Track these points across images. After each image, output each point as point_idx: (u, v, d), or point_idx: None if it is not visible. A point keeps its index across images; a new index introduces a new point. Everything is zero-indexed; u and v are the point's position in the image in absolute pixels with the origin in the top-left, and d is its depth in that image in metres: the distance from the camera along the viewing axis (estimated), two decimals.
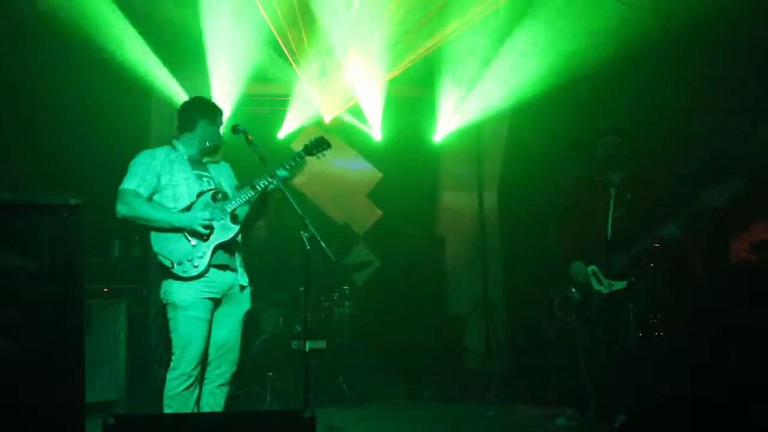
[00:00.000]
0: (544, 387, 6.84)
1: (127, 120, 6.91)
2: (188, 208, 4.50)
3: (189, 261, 4.40)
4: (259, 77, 7.58)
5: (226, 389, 4.60)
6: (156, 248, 4.41)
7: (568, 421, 5.68)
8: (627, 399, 5.38)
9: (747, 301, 6.27)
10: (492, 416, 6.26)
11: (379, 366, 7.66)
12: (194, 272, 4.40)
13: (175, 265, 4.38)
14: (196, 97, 4.96)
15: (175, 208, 4.49)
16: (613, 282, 5.47)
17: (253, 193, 4.61)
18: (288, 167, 4.69)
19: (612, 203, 5.55)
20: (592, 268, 5.56)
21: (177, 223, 4.41)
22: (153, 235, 4.42)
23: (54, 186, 5.11)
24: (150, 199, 4.49)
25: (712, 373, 6.13)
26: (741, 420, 3.11)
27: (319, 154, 4.85)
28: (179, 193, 4.54)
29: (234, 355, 4.63)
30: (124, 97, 7.03)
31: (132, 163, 4.58)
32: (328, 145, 4.85)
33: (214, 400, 4.54)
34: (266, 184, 4.60)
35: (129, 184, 4.48)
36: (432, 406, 6.92)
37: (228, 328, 4.58)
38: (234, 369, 4.64)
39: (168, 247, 4.41)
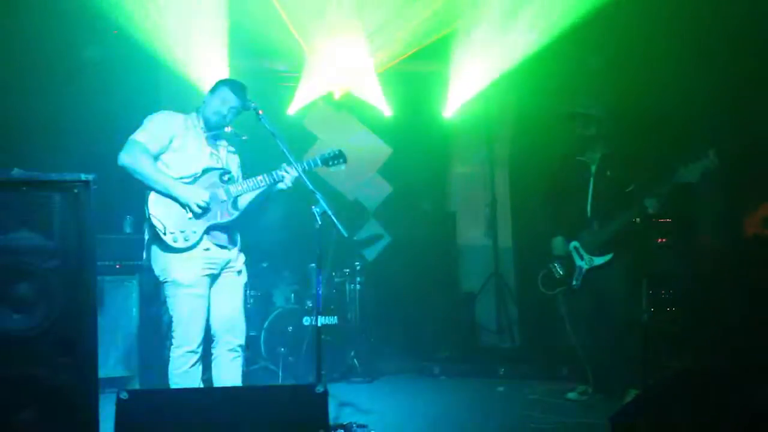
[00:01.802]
0: (554, 362, 6.84)
1: (137, 96, 6.89)
2: (193, 179, 4.50)
3: (182, 232, 4.39)
4: (269, 52, 7.53)
5: (240, 360, 4.62)
6: (152, 209, 4.37)
7: (579, 396, 5.70)
8: (638, 373, 5.43)
9: (759, 275, 6.29)
10: (502, 391, 6.29)
11: (390, 341, 7.67)
12: (183, 245, 4.39)
13: (167, 231, 4.36)
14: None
15: (179, 173, 4.47)
16: (593, 257, 5.66)
17: (264, 184, 4.63)
18: (301, 170, 4.58)
19: (592, 181, 5.75)
20: (575, 243, 5.76)
21: (174, 192, 4.38)
22: (152, 196, 4.39)
23: (64, 162, 5.11)
24: (157, 157, 4.47)
25: (723, 349, 6.13)
26: (750, 396, 3.11)
27: (334, 167, 4.89)
28: (188, 160, 4.53)
29: (241, 326, 4.66)
30: (134, 72, 7.00)
31: (148, 117, 4.56)
32: (345, 160, 4.89)
33: (229, 372, 4.56)
34: (276, 179, 4.61)
35: (140, 136, 4.44)
36: (443, 381, 6.95)
37: (232, 303, 4.62)
38: (242, 339, 4.66)
39: (164, 212, 4.38)
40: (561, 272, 5.82)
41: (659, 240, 6.89)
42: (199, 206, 4.39)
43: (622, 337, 5.59)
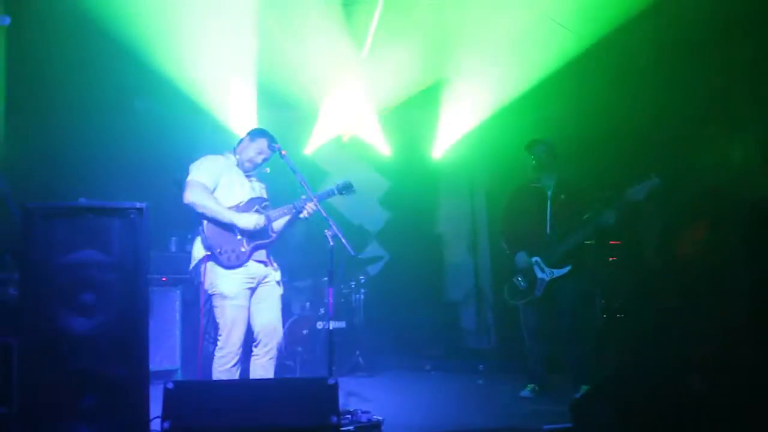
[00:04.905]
0: (522, 360, 6.83)
1: (181, 139, 6.92)
2: (239, 207, 4.57)
3: (233, 251, 4.46)
4: (289, 102, 7.61)
5: (273, 362, 4.63)
6: (208, 235, 4.46)
7: (531, 393, 5.59)
8: (590, 370, 5.39)
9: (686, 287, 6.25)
10: (481, 384, 6.30)
11: (389, 342, 7.67)
12: (235, 262, 4.47)
13: (222, 251, 4.44)
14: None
15: (229, 204, 4.55)
16: (554, 270, 5.51)
17: (291, 212, 4.68)
18: (319, 200, 4.65)
19: (549, 203, 5.63)
20: (536, 258, 5.60)
21: (237, 222, 4.47)
22: (207, 225, 4.48)
23: (122, 192, 5.16)
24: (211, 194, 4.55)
25: (661, 347, 6.11)
26: (683, 386, 3.16)
27: (347, 195, 4.90)
28: (235, 193, 4.62)
29: (279, 333, 4.68)
30: (179, 119, 7.05)
31: (199, 161, 4.62)
32: (354, 191, 4.88)
33: (264, 371, 4.57)
34: (301, 208, 4.63)
35: (199, 177, 4.52)
36: (433, 376, 6.95)
37: (271, 312, 4.64)
38: (279, 343, 4.68)
39: (218, 237, 4.47)
40: (524, 284, 5.65)
41: (611, 258, 6.88)
42: (254, 229, 4.51)
43: (570, 341, 5.48)
